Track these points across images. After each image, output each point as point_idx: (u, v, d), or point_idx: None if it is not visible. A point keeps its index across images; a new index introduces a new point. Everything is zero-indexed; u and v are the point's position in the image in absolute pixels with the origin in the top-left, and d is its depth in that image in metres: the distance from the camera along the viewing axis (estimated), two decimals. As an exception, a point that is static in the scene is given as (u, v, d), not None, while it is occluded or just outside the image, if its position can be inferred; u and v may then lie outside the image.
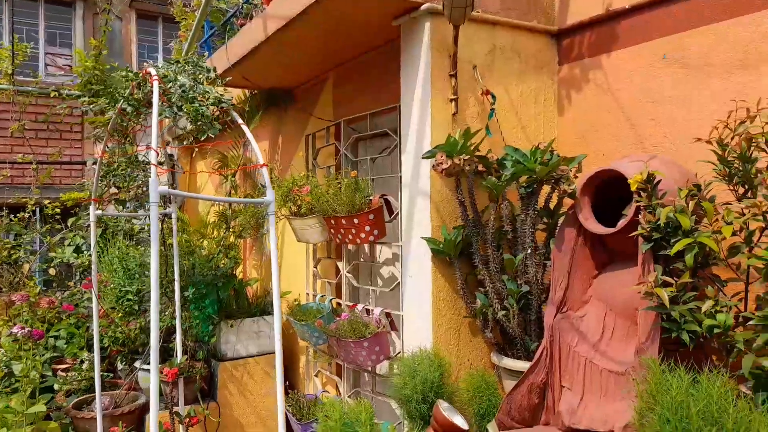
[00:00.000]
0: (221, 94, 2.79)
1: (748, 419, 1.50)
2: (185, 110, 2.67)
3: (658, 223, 2.03)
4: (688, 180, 2.30)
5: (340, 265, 4.08)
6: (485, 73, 3.16)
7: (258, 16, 3.63)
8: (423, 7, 2.97)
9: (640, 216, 2.19)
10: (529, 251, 2.56)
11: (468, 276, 2.93)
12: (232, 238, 5.04)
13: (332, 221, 3.61)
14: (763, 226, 1.96)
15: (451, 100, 3.05)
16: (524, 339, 2.67)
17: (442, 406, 2.57)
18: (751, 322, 1.79)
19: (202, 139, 2.76)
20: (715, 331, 1.77)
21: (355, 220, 3.43)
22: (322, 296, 4.28)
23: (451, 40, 2.99)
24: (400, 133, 3.25)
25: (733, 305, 1.91)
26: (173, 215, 4.19)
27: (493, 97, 3.10)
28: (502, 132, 3.17)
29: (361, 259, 4.18)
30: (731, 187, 2.04)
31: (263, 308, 4.84)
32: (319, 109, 4.68)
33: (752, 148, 1.92)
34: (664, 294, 1.88)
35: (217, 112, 2.77)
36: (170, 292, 4.23)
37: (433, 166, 2.70)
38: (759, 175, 1.87)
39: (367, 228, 3.43)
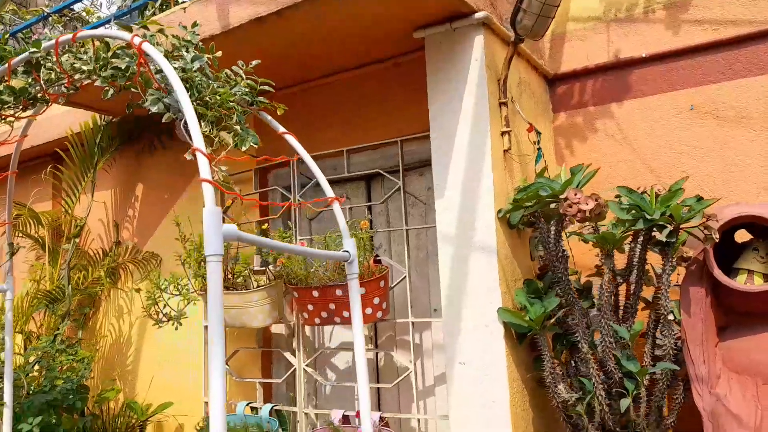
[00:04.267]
0: (254, 83, 1.67)
1: None
2: (209, 102, 1.50)
3: None
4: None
5: (288, 355, 2.91)
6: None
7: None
8: (477, 15, 2.35)
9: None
10: (670, 317, 2.03)
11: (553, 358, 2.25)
12: (68, 330, 3.31)
13: (314, 293, 2.54)
14: None
15: (503, 134, 2.45)
16: (647, 433, 2.08)
17: None
18: None
19: (243, 150, 1.58)
20: None
21: (361, 290, 2.44)
22: (248, 404, 2.99)
23: (503, 61, 2.44)
24: (433, 174, 2.47)
25: None
26: (9, 295, 2.50)
27: (538, 133, 2.60)
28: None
29: (329, 346, 3.08)
30: None
31: (129, 432, 3.22)
32: (223, 149, 3.52)
33: None
34: None
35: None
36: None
37: (562, 210, 2.00)
38: None
39: (376, 300, 2.48)
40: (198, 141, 1.27)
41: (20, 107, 2.04)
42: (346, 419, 2.67)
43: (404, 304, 2.75)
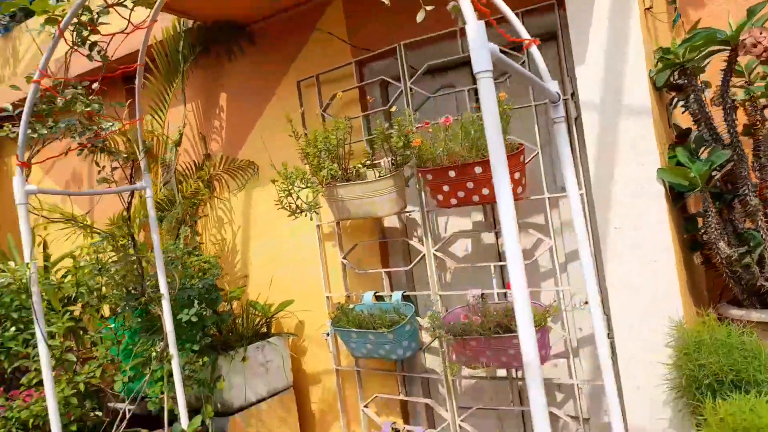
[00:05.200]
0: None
1: None
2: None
3: None
4: None
5: (415, 243, 2.96)
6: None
7: None
8: None
9: None
10: None
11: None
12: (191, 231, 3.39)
13: (450, 173, 2.53)
14: None
15: (645, -10, 2.31)
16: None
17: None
18: None
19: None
20: None
21: (502, 166, 2.42)
22: (375, 293, 3.08)
23: None
24: (563, 41, 2.36)
25: None
26: (148, 192, 2.54)
27: (676, -9, 2.46)
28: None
29: (445, 236, 3.11)
30: None
31: (257, 329, 3.37)
32: (313, 47, 3.42)
33: None
34: None
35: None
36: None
37: (745, 47, 1.91)
38: None
39: (517, 175, 2.47)
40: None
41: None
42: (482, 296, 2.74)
43: (534, 183, 2.74)
